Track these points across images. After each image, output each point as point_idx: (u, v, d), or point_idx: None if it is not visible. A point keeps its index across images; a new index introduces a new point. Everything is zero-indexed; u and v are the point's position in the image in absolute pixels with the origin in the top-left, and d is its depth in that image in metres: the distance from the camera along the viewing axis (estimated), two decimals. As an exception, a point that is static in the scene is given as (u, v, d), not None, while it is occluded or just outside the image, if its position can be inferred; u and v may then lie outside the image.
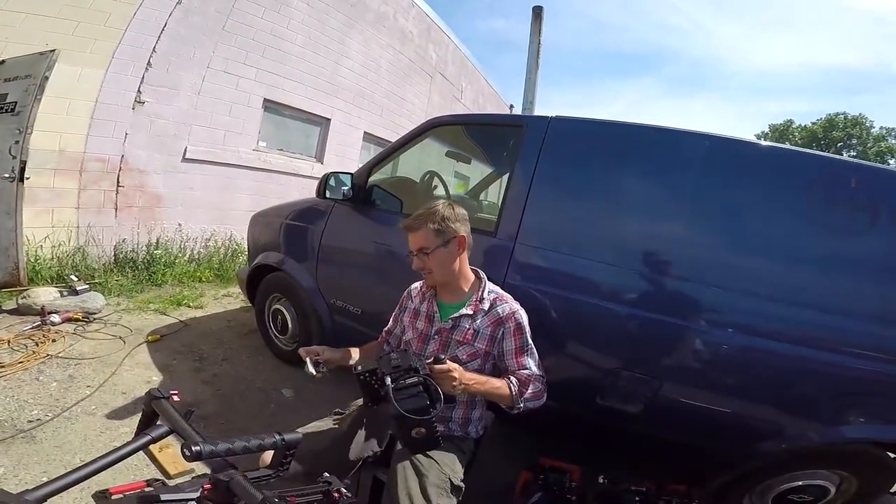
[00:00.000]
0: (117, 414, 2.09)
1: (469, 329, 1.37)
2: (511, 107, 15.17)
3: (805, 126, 27.75)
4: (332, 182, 2.36)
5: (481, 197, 3.72)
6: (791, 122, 28.57)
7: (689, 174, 1.75)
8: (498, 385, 1.32)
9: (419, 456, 1.25)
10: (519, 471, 1.76)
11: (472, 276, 1.46)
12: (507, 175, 2.08)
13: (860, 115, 26.11)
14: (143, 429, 0.84)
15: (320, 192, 2.37)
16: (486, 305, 1.38)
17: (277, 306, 2.77)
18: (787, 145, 1.90)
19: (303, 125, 5.94)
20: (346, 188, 2.36)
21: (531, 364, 1.37)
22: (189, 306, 3.58)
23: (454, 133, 3.02)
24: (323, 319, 2.50)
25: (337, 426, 1.40)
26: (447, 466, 1.28)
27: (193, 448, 0.72)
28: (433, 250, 1.36)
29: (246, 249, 4.78)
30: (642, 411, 1.73)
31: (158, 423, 0.83)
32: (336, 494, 0.81)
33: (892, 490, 1.83)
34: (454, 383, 1.19)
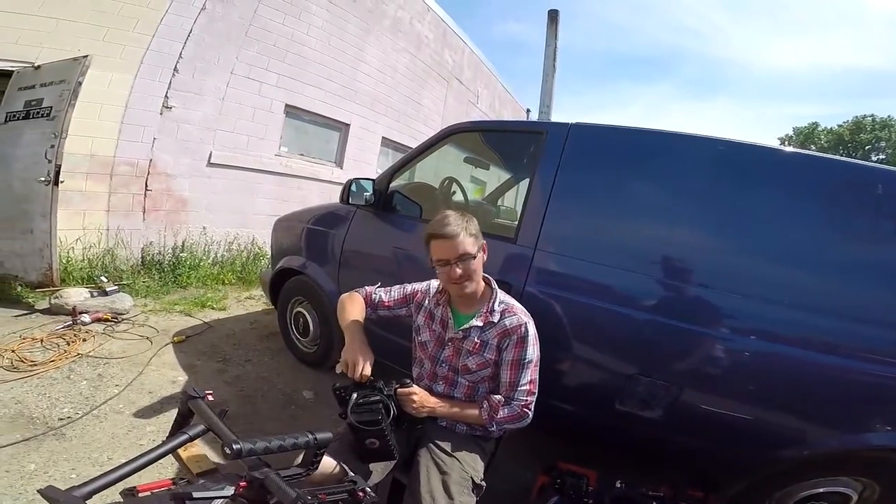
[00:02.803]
0: (144, 413, 2.16)
1: (477, 340, 1.40)
2: (528, 111, 15.14)
3: (831, 129, 26.99)
4: (354, 188, 2.41)
5: (499, 202, 3.75)
6: (816, 124, 27.85)
7: (709, 180, 1.74)
8: (468, 411, 1.38)
9: (441, 455, 1.30)
10: (536, 473, 1.77)
11: (483, 285, 1.46)
12: (528, 182, 2.09)
13: (889, 116, 25.27)
14: (178, 427, 0.89)
15: (344, 197, 2.43)
16: (496, 317, 1.39)
17: (299, 309, 2.83)
18: (807, 150, 1.86)
19: (323, 130, 6.06)
20: (367, 194, 2.40)
21: (524, 378, 1.36)
22: (213, 308, 3.68)
23: (472, 139, 3.05)
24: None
25: None
26: (469, 465, 1.32)
27: (234, 446, 0.76)
28: (474, 258, 1.35)
29: (267, 252, 4.90)
30: (661, 417, 1.73)
31: (193, 422, 0.87)
32: (361, 494, 0.84)
33: None
34: (415, 406, 1.29)
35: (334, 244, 2.61)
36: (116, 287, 3.44)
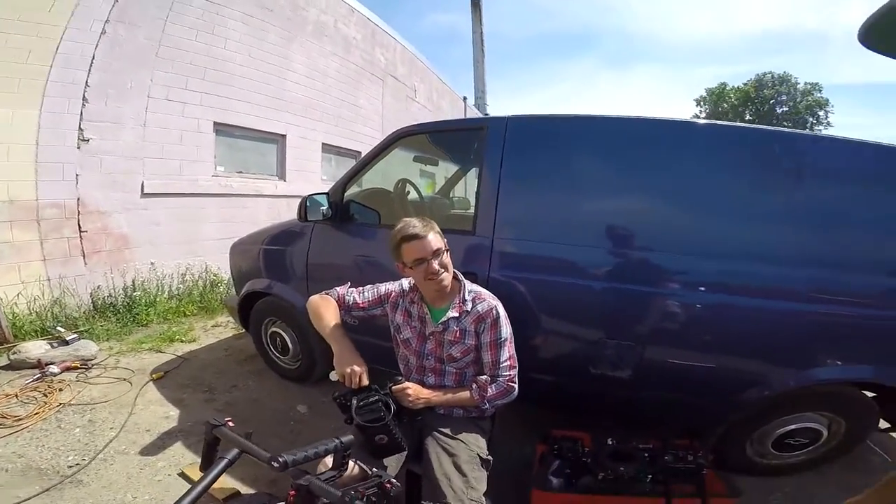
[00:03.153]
0: (149, 450, 2.18)
1: (457, 329, 1.51)
2: (465, 98, 15.38)
3: (738, 87, 29.29)
4: (310, 204, 2.43)
5: (451, 194, 3.87)
6: (725, 84, 30.12)
7: (635, 155, 1.93)
8: (460, 395, 1.50)
9: (446, 439, 1.42)
10: (535, 444, 1.91)
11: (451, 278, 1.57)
12: (477, 176, 2.22)
13: (785, 72, 27.84)
14: (208, 455, 0.97)
15: (302, 215, 2.45)
16: (469, 306, 1.52)
17: (274, 329, 2.84)
18: (716, 121, 2.09)
19: (258, 144, 5.88)
20: (324, 208, 2.44)
21: (503, 356, 1.51)
22: (182, 341, 3.60)
23: (420, 140, 3.14)
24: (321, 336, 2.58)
25: None
26: (473, 444, 1.45)
27: (280, 459, 0.85)
28: (445, 251, 1.48)
29: (224, 278, 4.82)
30: (631, 375, 1.91)
31: (222, 447, 0.95)
32: (388, 485, 0.95)
33: (882, 428, 2.03)
34: (410, 399, 1.41)
35: (297, 260, 2.64)
36: (76, 335, 3.30)
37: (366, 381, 1.36)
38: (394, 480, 0.96)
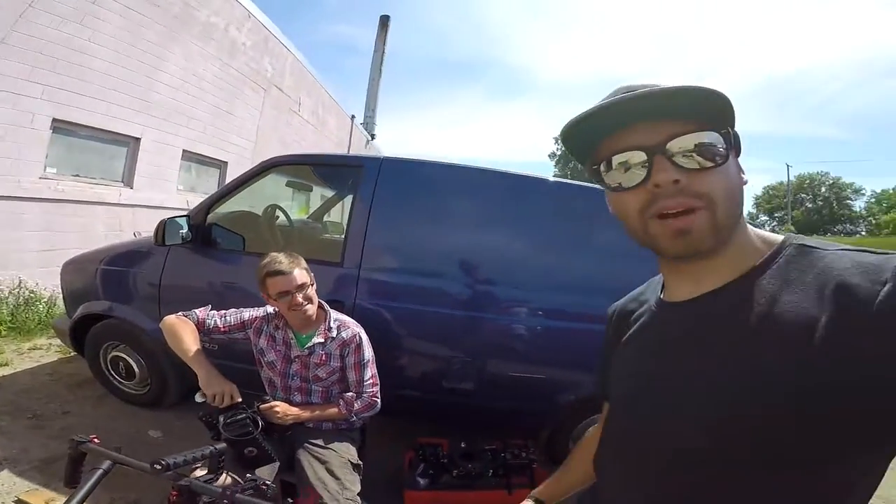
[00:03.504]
0: None
1: (323, 353, 1.83)
2: (353, 117, 15.99)
3: None
4: (169, 227, 2.56)
5: (324, 218, 4.25)
6: None
7: (475, 200, 2.56)
8: (328, 410, 1.81)
9: (317, 450, 1.72)
10: (404, 452, 2.37)
11: (317, 308, 1.88)
12: (349, 210, 2.67)
13: None
14: (72, 472, 1.10)
15: (159, 239, 2.56)
16: (334, 333, 1.84)
17: (116, 353, 2.89)
18: (539, 175, 2.73)
19: (105, 146, 5.70)
20: (183, 231, 2.60)
21: (367, 375, 1.85)
22: None
23: (295, 169, 3.50)
24: (177, 360, 2.69)
25: None
26: (343, 452, 1.77)
27: (163, 462, 1.03)
28: (310, 285, 1.80)
29: (45, 295, 4.65)
30: (476, 387, 2.48)
31: (89, 462, 1.09)
32: (264, 486, 1.12)
33: None
34: (279, 416, 1.67)
35: (146, 283, 2.77)
36: None
37: (238, 398, 1.58)
38: (269, 483, 1.14)
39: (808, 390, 0.48)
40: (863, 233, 44.63)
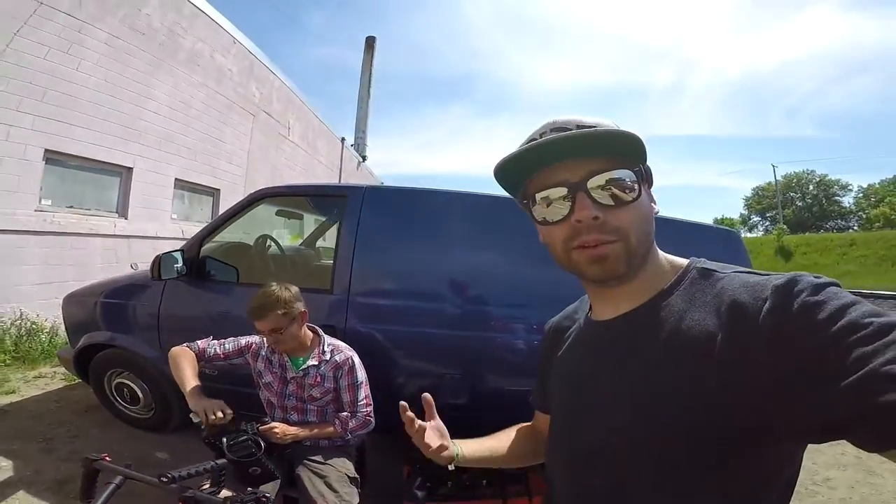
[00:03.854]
0: None
1: (317, 374, 1.95)
2: (343, 140, 16.18)
3: None
4: (164, 261, 2.67)
5: (317, 245, 4.35)
6: None
7: (461, 223, 2.69)
8: (325, 429, 1.92)
9: (316, 465, 1.83)
10: (402, 466, 2.43)
11: (311, 334, 2.03)
12: (336, 239, 2.79)
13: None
14: (87, 488, 1.17)
15: (155, 274, 2.67)
16: (328, 356, 1.97)
17: (120, 380, 3.01)
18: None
19: (98, 177, 5.81)
20: (178, 265, 2.71)
21: (360, 396, 1.97)
22: None
23: (284, 199, 3.62)
24: (176, 384, 2.81)
25: None
26: (340, 466, 1.89)
27: (169, 475, 1.11)
28: (285, 330, 1.87)
29: (46, 326, 4.74)
30: (468, 401, 2.57)
31: (102, 478, 1.17)
32: (264, 499, 1.20)
33: None
34: (278, 436, 1.77)
35: (146, 313, 2.89)
36: None
37: (229, 411, 1.67)
38: (269, 495, 1.23)
39: (705, 397, 0.55)
40: (855, 227, 45.11)
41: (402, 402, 0.89)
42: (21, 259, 4.79)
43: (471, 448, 0.97)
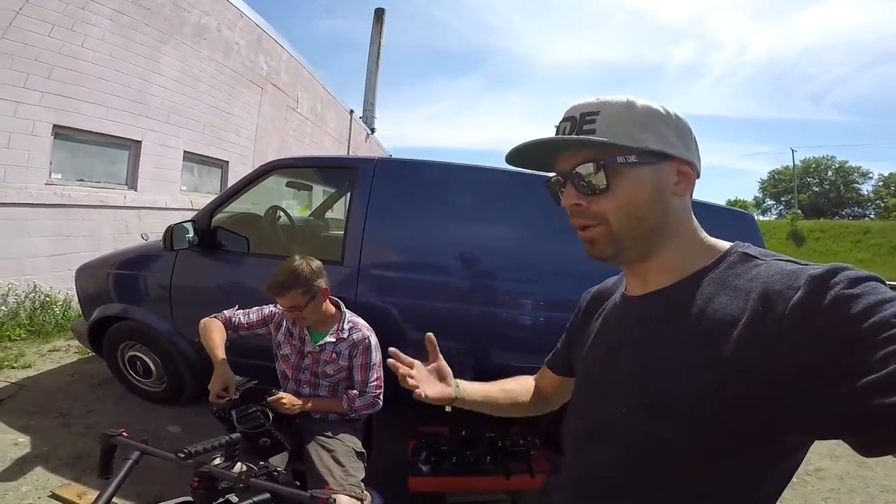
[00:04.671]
0: (7, 476, 2.30)
1: (333, 352, 1.98)
2: (351, 112, 16.09)
3: None
4: (176, 233, 2.70)
5: (326, 216, 4.40)
6: None
7: (469, 196, 2.68)
8: (331, 403, 1.97)
9: (324, 439, 1.86)
10: (408, 440, 2.51)
11: (333, 308, 2.03)
12: (346, 212, 2.81)
13: None
14: (105, 463, 1.21)
15: (167, 244, 2.70)
16: (346, 334, 1.99)
17: (133, 353, 3.07)
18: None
19: (107, 150, 5.84)
20: (190, 236, 2.74)
21: (372, 377, 1.98)
22: (13, 367, 3.57)
23: (294, 172, 3.62)
24: (190, 358, 2.91)
25: None
26: (348, 441, 1.91)
27: (185, 451, 1.14)
28: (304, 306, 1.88)
29: (60, 298, 4.83)
30: (475, 377, 2.57)
31: (119, 454, 1.20)
32: (276, 472, 1.23)
33: None
34: (286, 406, 1.81)
35: (157, 284, 2.93)
36: None
37: (234, 393, 1.71)
38: (280, 469, 1.27)
39: (720, 382, 0.56)
40: (871, 216, 44.40)
41: (392, 349, 0.91)
42: (33, 231, 4.85)
43: (472, 389, 0.98)
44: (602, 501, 0.71)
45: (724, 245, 0.69)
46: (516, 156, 0.72)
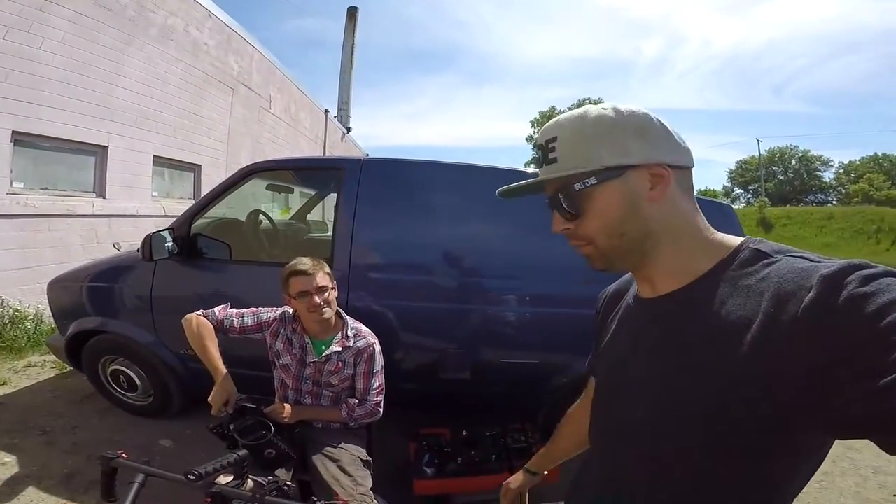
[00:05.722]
0: (2, 496, 2.22)
1: (338, 362, 1.91)
2: (326, 111, 15.89)
3: (563, 110, 37.36)
4: (154, 242, 2.58)
5: (307, 218, 4.31)
6: (554, 108, 36.92)
7: (454, 196, 2.65)
8: (328, 412, 1.92)
9: (329, 449, 1.82)
10: (407, 444, 2.45)
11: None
12: (334, 214, 2.74)
13: (599, 98, 35.11)
14: (108, 486, 1.18)
15: (147, 255, 2.58)
16: (351, 342, 1.92)
17: (115, 367, 2.94)
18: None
19: (72, 156, 5.60)
20: (169, 245, 2.63)
21: (374, 384, 1.95)
22: None
23: (275, 174, 3.53)
24: (176, 369, 2.82)
25: None
26: (352, 449, 1.87)
27: (196, 472, 1.09)
28: (331, 289, 1.88)
29: (30, 313, 4.61)
30: (472, 376, 2.58)
31: (121, 476, 1.17)
32: (286, 486, 1.21)
33: None
34: (285, 417, 1.77)
35: (137, 295, 2.82)
36: None
37: (229, 403, 1.68)
38: (290, 483, 1.29)
39: (734, 385, 0.55)
40: (834, 202, 46.35)
41: None
42: (-4, 244, 4.63)
43: (549, 460, 1.15)
44: (625, 500, 0.72)
45: (734, 241, 0.66)
46: (506, 195, 0.77)
